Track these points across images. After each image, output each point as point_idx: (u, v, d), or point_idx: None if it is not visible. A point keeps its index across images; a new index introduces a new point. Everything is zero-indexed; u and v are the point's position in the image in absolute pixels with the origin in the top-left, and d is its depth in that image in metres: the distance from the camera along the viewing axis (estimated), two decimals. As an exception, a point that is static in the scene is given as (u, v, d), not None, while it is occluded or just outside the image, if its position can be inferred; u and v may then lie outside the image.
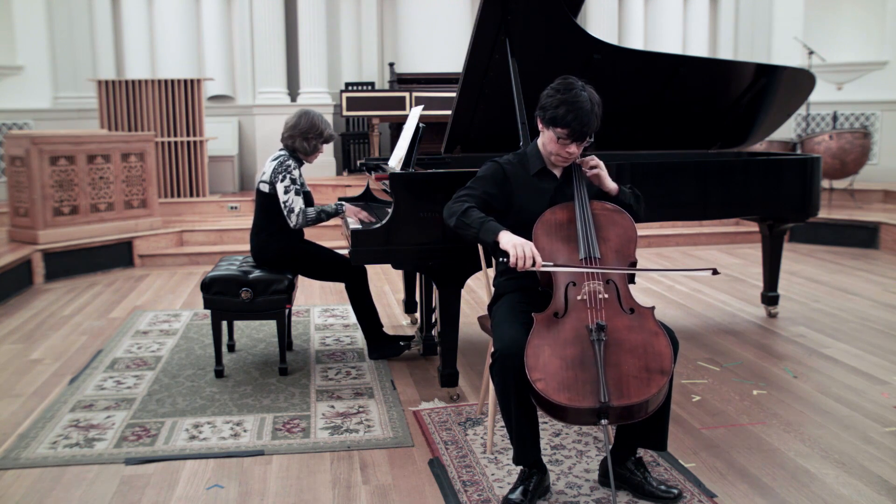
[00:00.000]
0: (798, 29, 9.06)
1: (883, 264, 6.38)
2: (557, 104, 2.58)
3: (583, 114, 2.56)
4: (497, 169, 2.78)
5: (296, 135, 3.89)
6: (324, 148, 4.01)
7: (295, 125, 3.90)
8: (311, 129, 3.88)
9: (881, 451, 2.96)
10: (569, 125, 2.57)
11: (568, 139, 2.60)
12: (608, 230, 2.62)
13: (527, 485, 2.53)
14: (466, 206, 2.65)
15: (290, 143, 3.91)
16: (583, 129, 2.57)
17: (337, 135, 4.08)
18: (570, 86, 2.60)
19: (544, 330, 2.41)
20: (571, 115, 2.55)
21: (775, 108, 4.70)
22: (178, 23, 8.75)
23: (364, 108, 8.55)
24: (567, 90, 2.59)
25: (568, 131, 2.58)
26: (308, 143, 3.89)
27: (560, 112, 2.57)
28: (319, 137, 3.91)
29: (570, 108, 2.55)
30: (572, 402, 2.25)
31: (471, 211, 2.64)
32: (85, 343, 4.44)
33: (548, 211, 2.66)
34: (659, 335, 2.40)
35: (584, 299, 2.46)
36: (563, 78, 2.66)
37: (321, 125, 3.91)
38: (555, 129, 2.61)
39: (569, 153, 2.65)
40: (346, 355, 4.19)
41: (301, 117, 3.91)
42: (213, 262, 6.51)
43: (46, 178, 6.13)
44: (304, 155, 3.93)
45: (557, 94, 2.60)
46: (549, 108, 2.61)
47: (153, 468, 2.88)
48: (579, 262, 2.54)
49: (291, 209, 3.81)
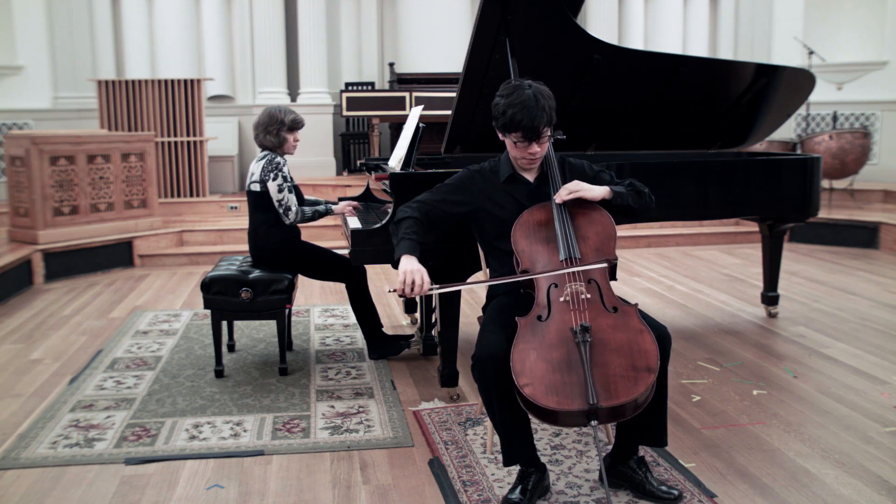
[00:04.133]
0: (798, 29, 9.06)
1: (883, 264, 6.38)
2: (504, 109, 2.57)
3: (528, 111, 2.53)
4: (466, 177, 2.82)
5: (260, 132, 3.90)
6: (297, 136, 3.95)
7: (257, 124, 3.93)
8: (271, 122, 3.88)
9: (881, 451, 2.96)
10: (518, 126, 2.56)
11: (524, 140, 2.60)
12: (587, 228, 2.62)
13: (525, 483, 2.53)
14: (404, 217, 2.73)
15: (260, 142, 3.93)
16: (533, 125, 2.55)
17: (305, 122, 4.06)
18: (514, 88, 2.60)
19: (529, 334, 2.40)
20: (519, 116, 2.54)
21: (775, 108, 4.70)
22: (178, 23, 8.75)
23: (364, 108, 8.55)
24: (510, 93, 2.58)
25: (521, 133, 2.58)
26: (273, 136, 3.88)
27: (508, 115, 2.56)
28: (282, 126, 3.88)
29: (517, 110, 2.54)
30: (561, 405, 2.25)
31: (403, 222, 2.72)
32: (85, 343, 4.44)
33: (526, 212, 2.66)
34: (644, 333, 2.39)
35: (567, 301, 2.45)
36: (506, 82, 2.66)
37: (279, 114, 3.89)
38: (509, 135, 2.62)
39: (532, 154, 2.64)
40: (346, 355, 4.19)
41: (261, 114, 3.94)
42: (213, 262, 6.51)
43: (46, 178, 6.13)
44: (277, 148, 3.91)
45: (503, 100, 2.59)
46: (498, 115, 2.61)
47: (153, 468, 2.88)
48: (560, 264, 2.54)
49: (289, 207, 3.82)
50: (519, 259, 2.60)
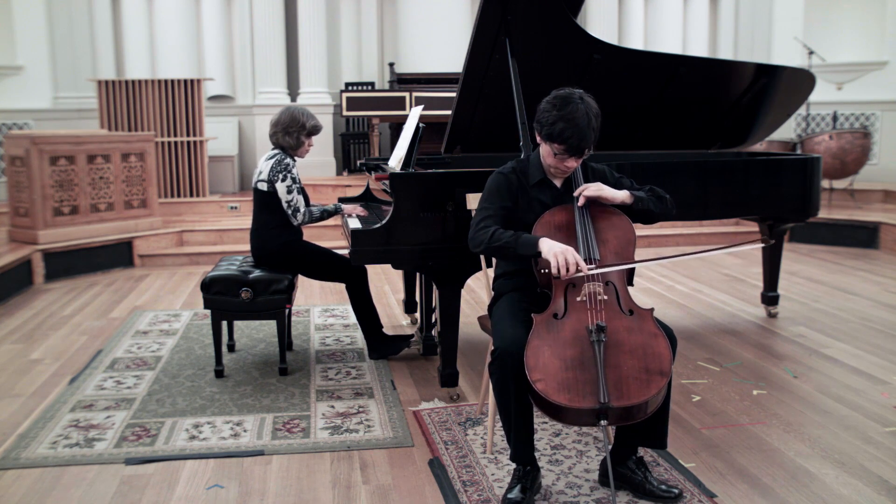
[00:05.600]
0: (798, 29, 9.06)
1: (883, 264, 6.38)
2: (554, 120, 2.56)
3: (579, 130, 2.54)
4: (502, 181, 2.76)
5: (278, 131, 3.89)
6: (312, 141, 3.97)
7: (277, 122, 3.91)
8: (293, 123, 3.87)
9: (881, 451, 2.96)
10: (566, 141, 2.56)
11: (565, 154, 2.60)
12: (607, 232, 2.62)
13: (524, 482, 2.53)
14: (492, 231, 2.63)
15: (276, 140, 3.92)
16: (580, 144, 2.56)
17: (323, 128, 4.05)
18: (567, 100, 2.57)
19: (544, 331, 2.41)
20: (569, 132, 2.54)
21: (775, 108, 4.70)
22: (178, 23, 8.75)
23: (364, 108, 8.55)
24: (564, 105, 2.56)
25: (565, 147, 2.57)
26: (291, 138, 3.88)
27: (557, 128, 2.55)
28: (302, 130, 3.88)
29: (568, 125, 2.53)
30: (572, 402, 2.26)
31: (497, 233, 2.61)
32: (85, 343, 4.44)
33: (547, 213, 2.65)
34: (658, 337, 2.40)
35: (584, 300, 2.46)
36: (558, 91, 2.64)
37: (302, 118, 3.88)
38: (552, 145, 2.60)
39: (567, 167, 2.65)
40: (346, 355, 4.19)
41: (282, 113, 3.92)
42: (213, 262, 6.51)
43: (46, 178, 6.13)
44: (292, 150, 3.92)
45: (554, 110, 2.57)
46: (545, 123, 2.59)
47: (153, 468, 2.88)
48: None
49: (297, 209, 3.83)
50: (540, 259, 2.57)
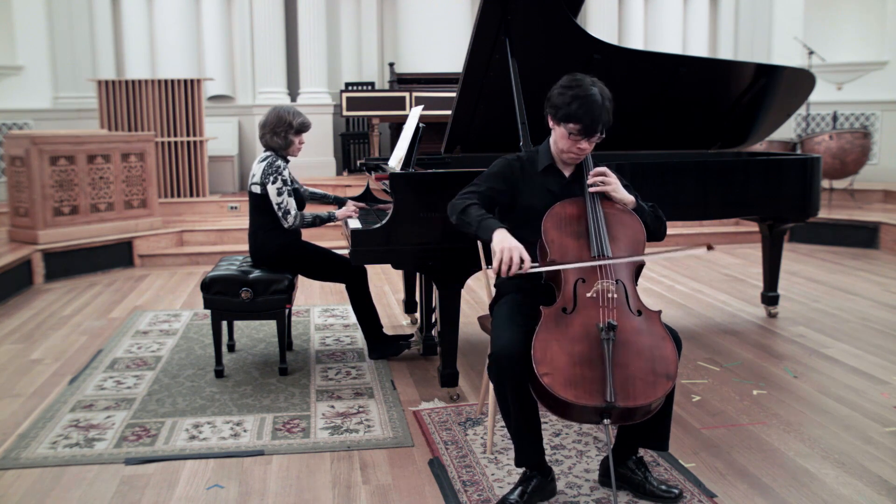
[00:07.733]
0: (798, 29, 9.06)
1: (883, 264, 6.38)
2: (570, 100, 2.56)
3: (595, 107, 2.54)
4: (506, 165, 2.78)
5: (266, 133, 3.86)
6: (302, 138, 3.91)
7: (264, 123, 3.88)
8: (279, 123, 3.83)
9: (881, 451, 2.96)
10: (580, 120, 2.55)
11: (580, 135, 2.58)
12: (618, 230, 2.60)
13: (525, 486, 2.52)
14: (467, 204, 2.66)
15: (266, 143, 3.89)
16: (594, 123, 2.56)
17: (312, 125, 4.03)
18: (579, 81, 2.59)
19: (552, 324, 2.39)
20: (583, 110, 2.54)
21: (775, 108, 4.70)
22: (178, 23, 8.74)
23: (364, 108, 8.55)
24: (577, 85, 2.58)
25: (580, 126, 2.56)
26: (280, 138, 3.84)
27: (572, 108, 2.55)
28: (290, 129, 3.84)
29: (582, 103, 2.54)
30: (578, 399, 2.24)
31: (470, 209, 2.64)
32: (85, 343, 4.44)
33: (557, 204, 2.63)
34: (666, 340, 2.39)
35: (594, 297, 2.44)
36: (570, 75, 2.65)
37: (288, 116, 3.84)
38: (566, 125, 2.59)
39: (580, 149, 2.63)
40: (346, 355, 4.19)
41: (268, 114, 3.88)
42: (213, 262, 6.51)
43: (46, 178, 6.13)
44: (283, 150, 3.88)
45: (568, 91, 2.58)
46: (560, 104, 2.59)
47: (153, 468, 2.88)
48: (591, 259, 2.51)
49: (287, 211, 3.80)
50: (548, 249, 2.55)
